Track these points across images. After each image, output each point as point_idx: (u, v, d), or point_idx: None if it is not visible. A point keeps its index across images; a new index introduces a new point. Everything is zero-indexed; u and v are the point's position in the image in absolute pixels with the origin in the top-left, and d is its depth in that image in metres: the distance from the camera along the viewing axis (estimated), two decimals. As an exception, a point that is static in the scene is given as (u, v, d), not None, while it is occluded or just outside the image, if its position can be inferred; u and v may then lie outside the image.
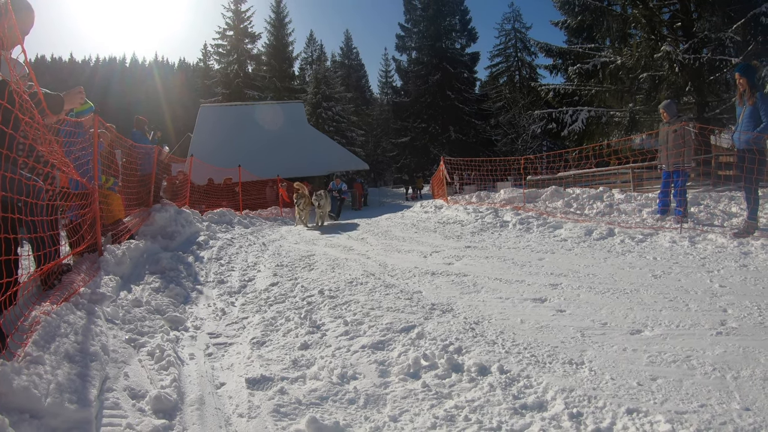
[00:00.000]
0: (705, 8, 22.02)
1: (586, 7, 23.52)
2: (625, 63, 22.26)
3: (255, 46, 59.06)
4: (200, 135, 38.92)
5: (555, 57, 26.25)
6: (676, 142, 9.98)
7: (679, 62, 19.60)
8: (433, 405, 3.07)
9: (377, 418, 2.96)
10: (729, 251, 7.20)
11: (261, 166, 30.97)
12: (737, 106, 8.58)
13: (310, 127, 43.69)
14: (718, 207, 11.12)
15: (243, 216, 15.43)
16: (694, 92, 21.20)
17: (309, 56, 68.84)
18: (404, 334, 4.22)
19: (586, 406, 2.96)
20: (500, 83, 61.63)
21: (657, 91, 21.31)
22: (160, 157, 11.36)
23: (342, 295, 5.65)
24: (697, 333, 4.06)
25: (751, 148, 8.41)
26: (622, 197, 12.43)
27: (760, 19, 20.10)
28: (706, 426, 2.70)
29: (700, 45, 20.92)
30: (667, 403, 2.98)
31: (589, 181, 19.59)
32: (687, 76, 20.21)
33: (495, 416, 2.91)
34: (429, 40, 54.46)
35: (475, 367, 3.50)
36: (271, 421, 2.96)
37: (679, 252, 7.37)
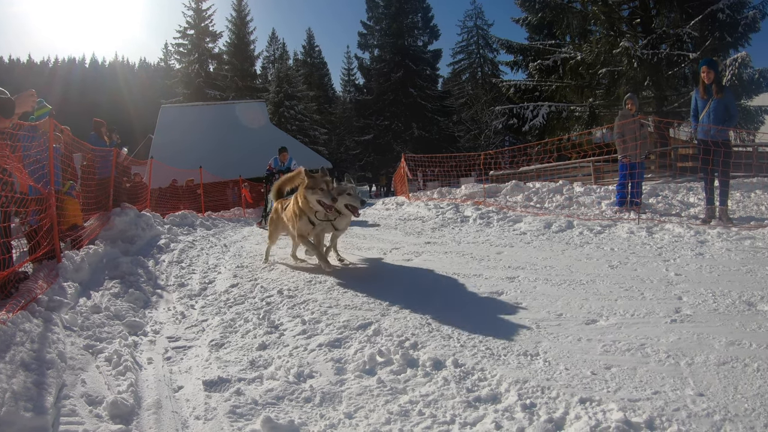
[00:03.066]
0: (663, 5, 22.56)
1: (546, 4, 23.89)
2: (585, 59, 22.61)
3: (216, 45, 58.70)
4: (161, 136, 38.56)
5: (516, 53, 26.55)
6: (641, 133, 10.18)
7: (638, 57, 19.96)
8: (387, 401, 3.05)
9: (332, 416, 2.93)
10: (686, 240, 7.32)
11: (223, 167, 30.75)
12: (699, 98, 8.74)
13: (272, 126, 43.63)
14: (676, 198, 11.34)
15: (205, 218, 15.21)
16: (652, 87, 21.64)
17: (271, 55, 68.32)
18: (361, 332, 4.19)
19: (539, 397, 2.96)
20: (463, 80, 62.13)
21: (616, 86, 21.69)
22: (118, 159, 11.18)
23: (301, 294, 5.58)
24: (652, 321, 4.10)
25: (718, 140, 8.65)
26: (581, 190, 12.62)
27: (718, 15, 20.66)
28: (659, 413, 2.71)
29: (659, 41, 21.40)
30: (621, 391, 2.99)
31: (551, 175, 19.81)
32: (645, 71, 20.58)
33: (449, 410, 2.91)
34: (391, 38, 54.51)
35: (430, 361, 3.49)
36: (227, 422, 2.91)
37: (637, 242, 7.46)
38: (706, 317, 4.15)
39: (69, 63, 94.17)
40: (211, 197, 22.24)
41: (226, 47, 60.04)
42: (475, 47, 61.91)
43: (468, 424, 2.78)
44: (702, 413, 2.71)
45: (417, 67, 54.31)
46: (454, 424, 2.78)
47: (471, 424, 2.77)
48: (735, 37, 21.31)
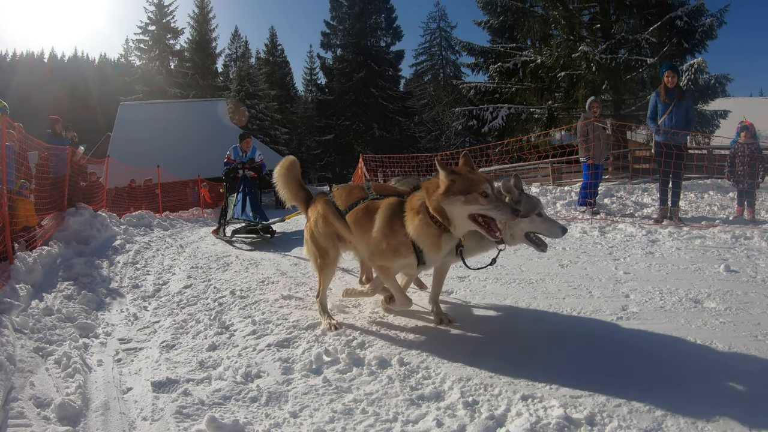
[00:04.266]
0: (623, 11, 22.97)
1: (508, 8, 24.10)
2: (545, 62, 22.86)
3: (178, 42, 58.05)
4: (120, 134, 37.99)
5: (477, 56, 26.72)
6: (602, 134, 10.35)
7: (596, 62, 20.27)
8: (332, 399, 3.05)
9: (278, 415, 2.92)
10: (637, 240, 7.45)
11: (182, 167, 30.20)
12: (660, 102, 8.91)
13: (232, 125, 42.96)
14: (631, 198, 11.56)
15: (163, 218, 15.01)
16: (610, 90, 22.02)
17: (233, 53, 67.45)
18: (310, 331, 4.19)
19: (482, 395, 3.00)
20: (425, 81, 62.43)
21: (575, 89, 22.00)
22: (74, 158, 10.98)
23: (253, 294, 5.56)
24: (599, 318, 4.17)
25: (676, 144, 8.86)
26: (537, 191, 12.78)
27: (676, 22, 21.09)
28: (600, 408, 2.77)
29: (618, 46, 21.74)
30: (564, 388, 3.02)
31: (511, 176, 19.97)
32: (604, 75, 20.91)
33: (392, 408, 2.93)
34: (354, 38, 54.11)
35: (375, 360, 3.51)
36: (173, 422, 2.89)
37: (589, 242, 7.55)
38: (652, 314, 4.23)
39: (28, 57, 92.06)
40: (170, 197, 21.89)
41: (188, 44, 59.17)
42: (437, 49, 62.34)
43: (410, 421, 2.79)
44: (644, 409, 2.76)
45: (379, 68, 54.04)
46: (397, 422, 2.79)
47: (413, 422, 2.79)
48: (692, 43, 21.74)
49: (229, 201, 11.22)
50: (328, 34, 55.70)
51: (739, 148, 9.85)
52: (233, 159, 11.35)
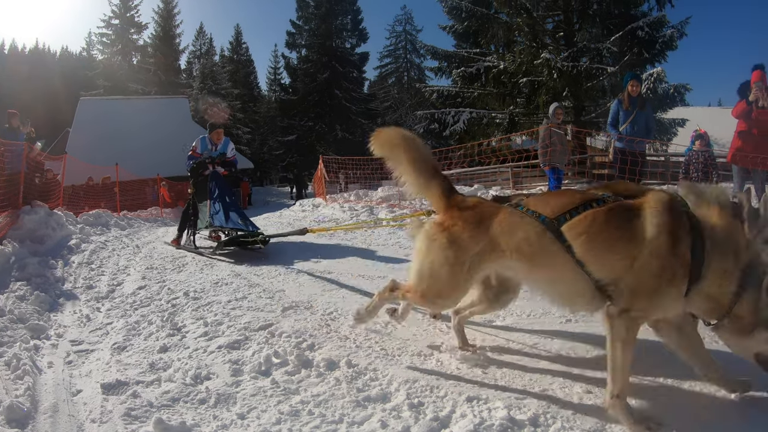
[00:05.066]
0: (586, 20, 23.35)
1: (473, 14, 24.26)
2: (508, 68, 23.09)
3: (141, 37, 57.01)
4: (79, 130, 37.40)
5: (441, 60, 26.84)
6: (563, 140, 10.49)
7: (558, 69, 20.56)
8: (280, 401, 3.05)
9: (225, 417, 2.92)
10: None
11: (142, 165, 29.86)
12: (623, 110, 9.06)
13: (194, 123, 42.43)
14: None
15: (121, 217, 14.84)
16: (571, 97, 22.38)
17: (198, 50, 66.38)
18: (261, 333, 4.18)
19: (428, 396, 3.01)
20: (389, 83, 62.56)
21: (536, 95, 22.28)
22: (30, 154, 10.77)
23: (206, 296, 5.54)
24: (547, 321, 4.21)
25: (636, 150, 9.04)
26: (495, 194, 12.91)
27: (637, 32, 21.52)
28: (545, 410, 2.79)
29: (579, 54, 22.08)
30: (509, 389, 3.05)
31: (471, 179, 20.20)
32: (565, 82, 21.25)
33: (338, 409, 2.93)
34: (320, 39, 53.82)
35: (324, 362, 3.51)
36: (121, 424, 2.88)
37: None
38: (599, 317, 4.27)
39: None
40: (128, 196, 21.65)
41: (152, 40, 58.06)
42: (402, 52, 62.46)
43: (355, 423, 2.81)
44: (589, 410, 2.78)
45: (344, 69, 53.98)
46: (342, 423, 2.80)
47: (358, 423, 2.80)
48: (652, 53, 22.17)
49: (200, 206, 9.32)
50: (294, 33, 55.37)
51: (693, 156, 10.09)
52: (200, 152, 9.38)
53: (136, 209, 20.03)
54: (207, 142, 9.51)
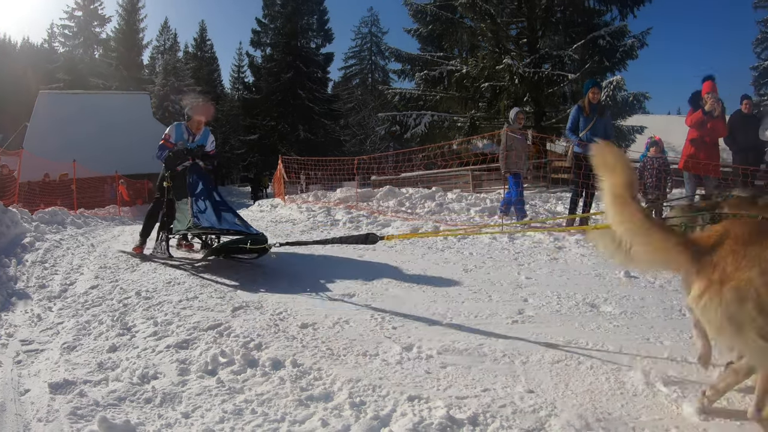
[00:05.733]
0: (549, 28, 23.70)
1: (438, 18, 24.40)
2: (470, 72, 23.25)
3: (104, 30, 56.35)
4: (37, 125, 36.40)
5: (404, 62, 26.88)
6: (525, 145, 10.61)
7: (519, 75, 20.77)
8: (224, 400, 3.06)
9: (170, 416, 2.91)
10: (544, 246, 7.61)
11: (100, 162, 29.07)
12: (583, 116, 9.19)
13: (155, 121, 41.82)
14: (545, 206, 11.91)
15: (77, 215, 14.52)
16: (532, 102, 22.63)
17: (161, 45, 65.63)
18: (210, 332, 4.16)
19: (370, 395, 3.05)
20: (352, 85, 62.60)
21: (497, 100, 22.49)
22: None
23: (158, 295, 5.45)
24: (494, 322, 4.24)
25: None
26: (453, 197, 13.00)
27: (598, 41, 21.89)
28: (485, 409, 2.83)
29: (541, 60, 22.39)
30: (451, 389, 3.10)
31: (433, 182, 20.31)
32: (526, 88, 21.47)
33: (281, 408, 2.95)
34: (285, 38, 53.84)
35: (269, 361, 3.52)
36: (67, 423, 2.86)
37: (497, 247, 7.64)
38: (547, 318, 4.33)
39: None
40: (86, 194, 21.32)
41: (115, 33, 57.50)
42: (367, 53, 62.59)
43: (297, 421, 2.82)
44: (528, 409, 2.84)
45: (308, 69, 53.92)
46: (284, 422, 2.82)
47: (300, 422, 2.82)
48: (613, 62, 22.54)
49: (180, 204, 7.65)
50: (259, 32, 55.19)
51: (648, 162, 10.28)
52: (173, 142, 7.80)
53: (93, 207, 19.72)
54: (183, 131, 7.88)
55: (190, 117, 7.94)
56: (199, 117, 7.90)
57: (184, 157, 7.74)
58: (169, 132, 7.86)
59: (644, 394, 3.01)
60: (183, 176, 7.64)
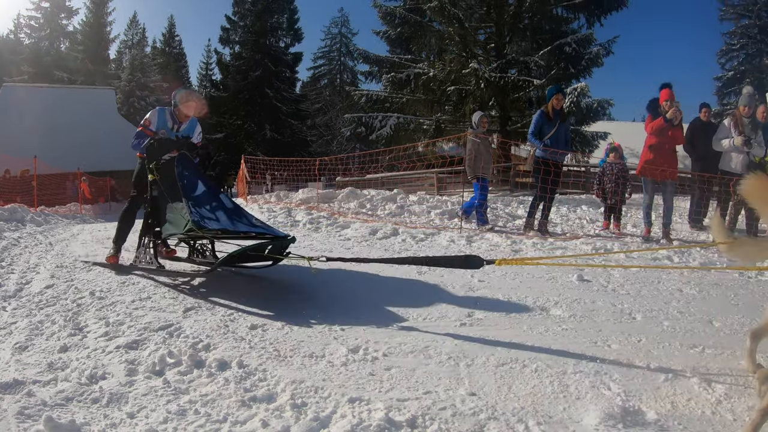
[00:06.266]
0: (516, 33, 23.99)
1: (406, 21, 24.54)
2: (437, 75, 23.42)
3: (71, 23, 55.06)
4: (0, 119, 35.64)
5: (372, 64, 26.98)
6: (489, 150, 10.71)
7: (485, 79, 20.92)
8: (169, 400, 3.06)
9: (116, 416, 2.90)
10: (501, 249, 7.69)
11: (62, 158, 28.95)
12: (546, 122, 9.31)
13: (120, 117, 41.62)
14: (505, 210, 12.04)
15: (38, 213, 14.29)
16: (497, 107, 22.99)
17: (129, 39, 64.66)
18: (160, 333, 4.14)
19: (312, 397, 3.08)
20: (321, 85, 62.50)
21: (463, 103, 22.67)
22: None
23: (112, 295, 5.37)
24: (442, 324, 4.27)
25: (556, 161, 9.38)
26: (415, 199, 13.07)
27: (564, 48, 22.19)
28: (424, 411, 2.85)
29: (508, 65, 22.61)
30: (393, 391, 3.13)
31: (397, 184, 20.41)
32: (492, 92, 21.70)
33: (224, 409, 2.98)
34: (254, 36, 53.18)
35: (216, 362, 3.53)
36: (14, 422, 2.82)
37: (454, 250, 7.70)
38: (496, 321, 4.36)
39: None
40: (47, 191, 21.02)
41: (82, 26, 56.18)
42: (336, 54, 62.58)
43: (239, 422, 2.84)
44: (468, 412, 2.86)
45: (276, 68, 53.40)
46: (226, 423, 2.84)
47: (241, 423, 2.84)
48: (578, 68, 22.85)
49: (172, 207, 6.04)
50: (228, 29, 54.58)
51: (607, 167, 10.47)
52: (154, 130, 6.55)
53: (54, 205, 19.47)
54: (168, 118, 6.68)
55: (177, 105, 6.65)
56: (188, 111, 6.69)
57: (170, 147, 6.45)
58: (149, 118, 6.63)
59: (588, 397, 3.04)
60: (171, 168, 6.24)
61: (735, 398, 3.05)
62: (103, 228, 12.39)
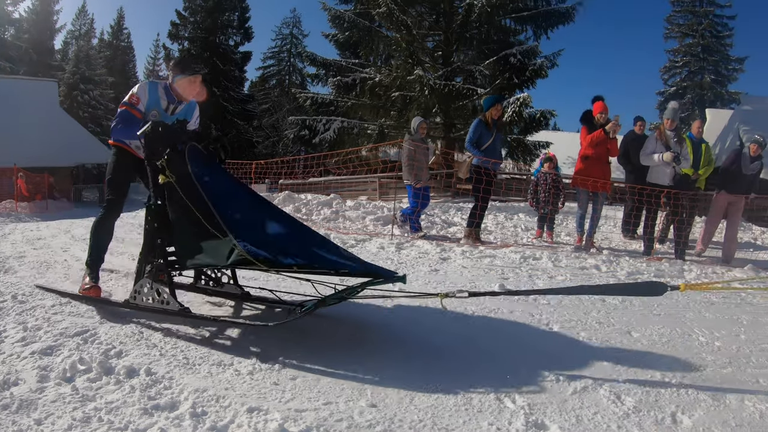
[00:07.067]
0: (463, 42, 24.33)
1: (355, 25, 24.72)
2: (383, 81, 23.68)
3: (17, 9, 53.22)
4: (-63, 109, 34.15)
5: (319, 67, 27.03)
6: (426, 157, 10.84)
7: (430, 86, 21.20)
8: (76, 407, 3.02)
9: (24, 422, 2.84)
10: (430, 256, 7.74)
11: (0, 153, 28.15)
12: (485, 130, 9.43)
13: (61, 110, 40.50)
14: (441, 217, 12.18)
15: (-31, 212, 14.03)
16: (441, 114, 23.34)
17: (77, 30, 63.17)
18: (75, 339, 4.04)
19: (212, 406, 3.08)
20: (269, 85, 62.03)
21: (407, 109, 22.96)
22: None
23: (33, 299, 5.20)
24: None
25: (492, 169, 9.61)
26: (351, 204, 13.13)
27: (510, 59, 22.62)
28: (320, 423, 2.86)
29: (453, 73, 23.08)
30: (293, 401, 3.13)
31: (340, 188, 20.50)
32: (436, 99, 21.96)
33: (126, 416, 2.95)
34: (203, 33, 52.46)
35: (124, 369, 3.49)
36: None
37: (383, 257, 7.73)
38: (409, 329, 4.31)
39: None
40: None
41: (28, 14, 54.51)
42: (286, 55, 62.19)
43: (139, 430, 2.83)
44: (364, 424, 2.87)
45: (224, 67, 52.67)
46: (127, 430, 2.83)
47: (141, 431, 2.82)
48: (522, 79, 23.37)
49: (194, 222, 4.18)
50: (178, 24, 53.58)
51: (541, 177, 10.74)
52: (143, 111, 4.91)
53: (-12, 202, 18.99)
54: (161, 95, 5.09)
55: (180, 80, 5.07)
56: (191, 92, 5.16)
57: (180, 136, 4.62)
58: (137, 93, 4.97)
59: (489, 411, 3.07)
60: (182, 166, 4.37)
61: (644, 412, 3.11)
62: (35, 228, 12.12)
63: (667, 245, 10.30)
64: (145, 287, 4.47)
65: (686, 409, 3.18)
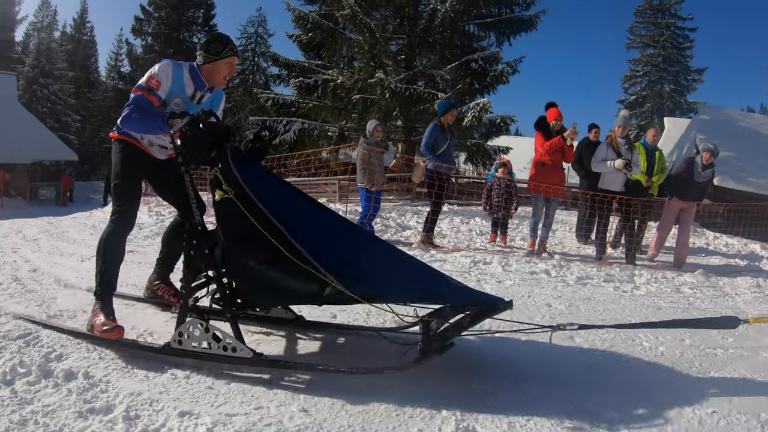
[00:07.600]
0: (426, 47, 24.37)
1: (319, 26, 24.58)
2: (345, 83, 23.64)
3: (-23, 0, 52.02)
4: None
5: (281, 67, 26.99)
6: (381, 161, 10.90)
7: (391, 89, 21.29)
8: (13, 410, 3.07)
9: None
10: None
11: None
12: (441, 135, 9.61)
13: (19, 105, 39.48)
14: (397, 220, 12.27)
15: None
16: (402, 117, 23.45)
17: (39, 22, 61.60)
18: (18, 341, 4.03)
19: (146, 409, 3.13)
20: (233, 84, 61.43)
21: (368, 112, 23.00)
22: None
23: None
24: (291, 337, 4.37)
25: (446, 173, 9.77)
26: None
27: (471, 64, 22.74)
28: (249, 428, 2.93)
29: (415, 77, 23.17)
30: (225, 405, 3.19)
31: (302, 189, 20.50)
32: (397, 103, 22.05)
33: (62, 420, 3.00)
34: (168, 29, 51.92)
35: (63, 372, 3.51)
36: None
37: None
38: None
39: None
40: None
41: (-13, 4, 53.18)
42: (251, 54, 61.58)
43: (73, 434, 2.82)
44: (293, 429, 2.95)
45: (188, 64, 51.74)
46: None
47: (75, 434, 2.80)
48: (483, 85, 23.46)
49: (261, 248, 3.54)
50: (142, 20, 52.71)
51: (495, 182, 10.89)
52: (162, 96, 4.15)
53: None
54: (187, 80, 4.37)
55: (213, 60, 4.42)
56: (225, 74, 4.56)
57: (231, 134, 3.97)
58: (159, 74, 4.16)
59: (420, 417, 3.11)
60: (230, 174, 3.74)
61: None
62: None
63: (620, 250, 10.50)
64: (193, 329, 3.70)
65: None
